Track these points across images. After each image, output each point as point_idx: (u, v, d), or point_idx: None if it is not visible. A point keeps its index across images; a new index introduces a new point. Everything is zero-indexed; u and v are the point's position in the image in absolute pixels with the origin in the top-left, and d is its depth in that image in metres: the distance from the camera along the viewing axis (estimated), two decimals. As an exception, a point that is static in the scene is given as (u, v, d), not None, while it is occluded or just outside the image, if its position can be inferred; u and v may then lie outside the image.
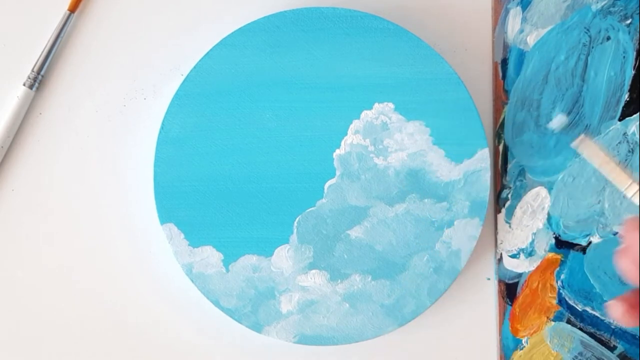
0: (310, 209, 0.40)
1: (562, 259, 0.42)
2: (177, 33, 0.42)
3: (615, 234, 0.42)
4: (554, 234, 0.42)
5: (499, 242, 0.42)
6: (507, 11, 0.43)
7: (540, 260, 0.42)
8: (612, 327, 0.42)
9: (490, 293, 0.42)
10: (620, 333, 0.42)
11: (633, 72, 0.42)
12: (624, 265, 0.30)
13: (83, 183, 0.41)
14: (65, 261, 0.41)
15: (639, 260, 0.29)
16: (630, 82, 0.42)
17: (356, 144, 0.40)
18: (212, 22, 0.42)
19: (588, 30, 0.42)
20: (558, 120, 0.33)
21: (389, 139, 0.40)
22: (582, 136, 0.32)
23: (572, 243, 0.42)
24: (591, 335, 0.42)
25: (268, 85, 0.40)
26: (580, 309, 0.42)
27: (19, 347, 0.41)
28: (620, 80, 0.42)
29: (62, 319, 0.41)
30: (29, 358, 0.41)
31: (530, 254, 0.42)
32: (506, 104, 0.42)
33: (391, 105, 0.40)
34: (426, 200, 0.40)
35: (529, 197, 0.42)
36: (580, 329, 0.42)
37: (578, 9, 0.42)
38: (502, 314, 0.42)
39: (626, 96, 0.42)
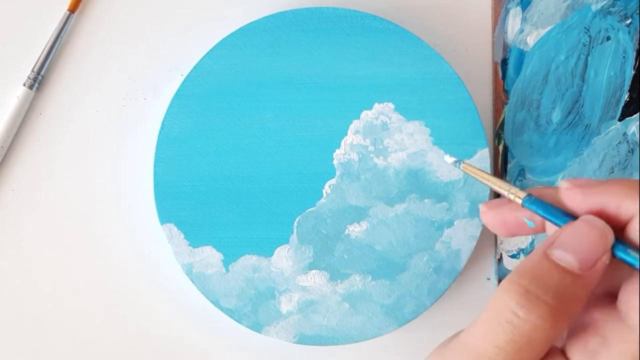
0: (310, 209, 0.40)
1: (562, 259, 0.42)
2: (177, 33, 0.42)
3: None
4: (554, 234, 0.42)
5: (499, 242, 0.42)
6: (507, 11, 0.43)
7: (540, 260, 0.42)
8: (612, 327, 0.42)
9: (490, 293, 0.42)
10: (620, 333, 0.42)
11: (633, 72, 0.42)
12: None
13: (83, 183, 0.41)
14: (65, 261, 0.41)
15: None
16: (630, 82, 0.42)
17: (356, 144, 0.40)
18: (212, 22, 0.42)
19: (588, 30, 0.42)
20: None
21: (389, 139, 0.40)
22: (463, 164, 0.35)
23: (572, 243, 0.42)
24: (591, 335, 0.42)
25: (268, 85, 0.40)
26: (580, 309, 0.42)
27: (18, 347, 0.41)
28: (620, 80, 0.42)
29: (61, 318, 0.41)
30: (28, 358, 0.41)
31: (530, 254, 0.42)
32: (506, 104, 0.42)
33: (391, 105, 0.40)
34: (426, 200, 0.40)
35: (529, 197, 0.42)
36: (580, 329, 0.42)
37: (578, 9, 0.42)
38: (502, 314, 0.42)
39: (626, 96, 0.42)
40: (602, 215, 0.27)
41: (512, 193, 0.30)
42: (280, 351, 0.41)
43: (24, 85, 0.41)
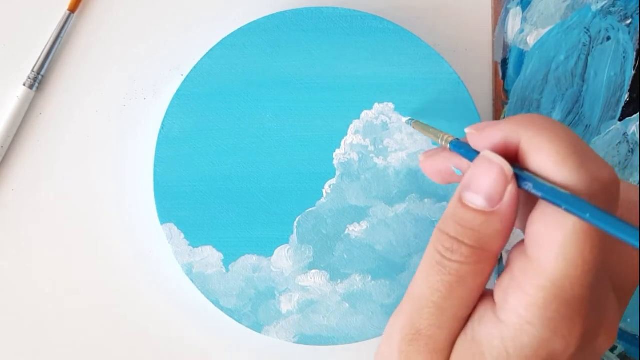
0: (310, 209, 0.40)
1: (562, 259, 0.42)
2: (177, 33, 0.42)
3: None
4: (554, 234, 0.42)
5: (499, 242, 0.42)
6: (507, 11, 0.43)
7: (540, 260, 0.42)
8: (612, 327, 0.42)
9: (490, 293, 0.42)
10: (620, 333, 0.42)
11: (633, 72, 0.42)
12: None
13: (83, 183, 0.41)
14: (65, 261, 0.41)
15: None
16: (630, 82, 0.42)
17: (356, 144, 0.40)
18: (212, 22, 0.42)
19: (588, 30, 0.42)
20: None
21: (389, 139, 0.40)
22: (413, 122, 0.38)
23: (572, 243, 0.42)
24: (591, 335, 0.42)
25: (268, 85, 0.40)
26: (580, 309, 0.42)
27: (18, 347, 0.41)
28: (620, 80, 0.42)
29: (61, 318, 0.41)
30: (28, 358, 0.41)
31: (530, 254, 0.42)
32: (506, 104, 0.42)
33: (391, 105, 0.40)
34: (426, 200, 0.40)
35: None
36: (580, 329, 0.42)
37: (578, 9, 0.42)
38: (502, 314, 0.42)
39: (626, 96, 0.42)
40: (503, 150, 0.27)
41: (444, 139, 0.31)
42: (280, 351, 0.41)
43: (24, 85, 0.41)
